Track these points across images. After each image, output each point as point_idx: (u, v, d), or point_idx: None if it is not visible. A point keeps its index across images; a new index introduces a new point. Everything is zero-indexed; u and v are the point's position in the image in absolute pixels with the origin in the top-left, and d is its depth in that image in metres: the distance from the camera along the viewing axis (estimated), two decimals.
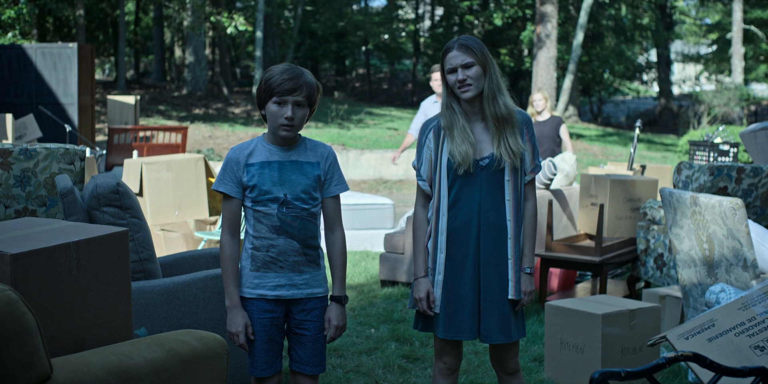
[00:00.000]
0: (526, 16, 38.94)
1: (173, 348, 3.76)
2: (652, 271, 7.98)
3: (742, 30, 32.83)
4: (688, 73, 50.77)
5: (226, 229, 4.18)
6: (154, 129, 15.80)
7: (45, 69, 17.88)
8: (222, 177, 4.16)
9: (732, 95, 29.82)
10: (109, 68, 50.39)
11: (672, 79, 45.85)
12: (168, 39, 43.86)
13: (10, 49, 18.25)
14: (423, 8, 47.34)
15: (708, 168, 7.31)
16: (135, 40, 43.44)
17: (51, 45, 18.13)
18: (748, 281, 5.94)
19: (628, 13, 39.80)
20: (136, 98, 19.73)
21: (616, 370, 2.65)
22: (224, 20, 26.07)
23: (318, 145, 4.26)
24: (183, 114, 28.30)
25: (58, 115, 17.45)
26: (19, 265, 3.51)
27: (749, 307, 4.66)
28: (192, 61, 31.70)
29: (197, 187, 9.58)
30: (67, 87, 17.87)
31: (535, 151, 4.49)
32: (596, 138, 31.08)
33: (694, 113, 31.53)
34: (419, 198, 4.53)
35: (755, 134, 8.81)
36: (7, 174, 6.01)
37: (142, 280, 5.30)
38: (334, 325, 4.23)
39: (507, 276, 4.39)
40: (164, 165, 9.48)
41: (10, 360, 3.11)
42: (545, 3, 27.39)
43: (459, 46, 4.38)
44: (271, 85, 4.06)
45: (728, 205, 5.97)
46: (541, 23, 27.40)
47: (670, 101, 42.03)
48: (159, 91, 33.61)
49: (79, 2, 28.64)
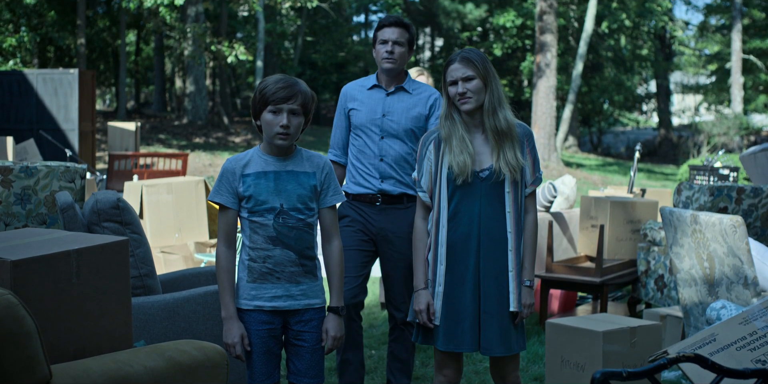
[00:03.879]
0: (526, 46, 39.08)
1: (173, 357, 3.75)
2: (653, 293, 7.96)
3: (741, 59, 32.94)
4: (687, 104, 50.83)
5: (222, 240, 4.17)
6: (155, 155, 15.82)
7: (46, 95, 17.91)
8: (218, 188, 4.16)
9: (731, 124, 29.87)
10: (109, 98, 50.47)
11: (672, 110, 45.91)
12: (168, 70, 43.99)
13: (11, 75, 18.30)
14: (423, 39, 47.48)
15: (708, 188, 7.31)
16: (136, 70, 43.55)
17: (52, 71, 18.17)
18: (749, 299, 5.93)
19: (627, 43, 39.92)
20: (137, 125, 19.77)
21: (618, 370, 2.64)
22: (225, 49, 26.15)
23: (314, 155, 4.27)
24: (183, 143, 28.33)
25: (59, 141, 17.46)
26: (19, 272, 3.51)
27: (750, 322, 4.64)
28: (193, 91, 31.76)
29: (197, 210, 9.57)
30: (68, 113, 17.90)
31: (535, 163, 4.50)
32: (596, 167, 31.10)
33: (694, 143, 31.56)
34: (419, 210, 4.54)
35: (755, 156, 8.82)
36: (8, 192, 6.00)
37: (142, 295, 5.28)
38: (331, 335, 4.22)
39: (507, 288, 4.39)
40: (164, 187, 9.48)
41: (9, 364, 3.10)
42: (545, 32, 27.50)
43: (461, 59, 4.40)
44: (265, 94, 4.06)
45: (729, 223, 5.97)
46: (541, 52, 27.50)
47: (670, 132, 42.07)
48: (159, 121, 33.67)
49: (80, 31, 28.73)
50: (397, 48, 5.55)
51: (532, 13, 35.17)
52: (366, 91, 5.71)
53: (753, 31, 37.78)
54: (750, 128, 33.51)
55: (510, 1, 37.86)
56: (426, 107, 5.62)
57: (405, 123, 5.57)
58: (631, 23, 37.36)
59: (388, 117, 5.58)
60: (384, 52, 5.56)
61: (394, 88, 5.65)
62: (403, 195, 5.58)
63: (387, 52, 5.54)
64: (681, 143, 37.57)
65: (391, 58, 5.54)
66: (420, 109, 5.60)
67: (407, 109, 5.60)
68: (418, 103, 5.62)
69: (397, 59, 5.55)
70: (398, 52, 5.55)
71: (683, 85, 47.71)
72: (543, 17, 27.77)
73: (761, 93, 39.72)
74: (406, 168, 5.58)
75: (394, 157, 5.57)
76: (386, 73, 5.63)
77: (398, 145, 5.56)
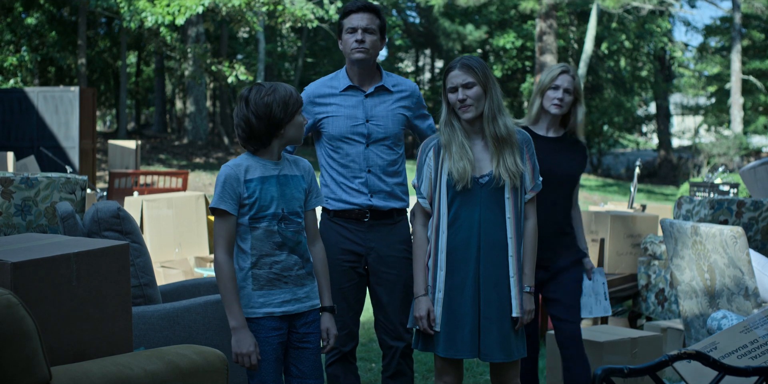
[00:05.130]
0: (526, 68, 39.16)
1: (173, 361, 3.74)
2: (654, 307, 7.95)
3: (741, 80, 33.00)
4: (687, 125, 50.91)
5: (222, 248, 4.07)
6: (155, 173, 15.82)
7: (47, 113, 17.94)
8: (222, 194, 4.07)
9: (731, 144, 29.91)
10: (110, 120, 50.53)
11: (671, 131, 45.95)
12: (169, 91, 44.05)
13: (11, 93, 18.34)
14: (423, 60, 47.59)
15: (708, 202, 7.30)
16: (136, 91, 43.62)
17: (53, 89, 18.21)
18: (749, 310, 5.92)
19: (627, 65, 39.99)
20: (137, 143, 19.79)
21: (619, 367, 2.64)
22: (225, 69, 26.21)
23: (298, 159, 4.30)
24: (183, 162, 28.35)
25: (60, 158, 17.47)
26: (19, 274, 3.51)
27: (751, 330, 4.63)
28: (193, 111, 31.82)
29: (198, 225, 9.57)
30: (69, 130, 17.92)
31: (535, 170, 4.51)
32: (596, 188, 31.12)
33: (694, 165, 31.59)
34: (419, 216, 4.54)
35: (755, 170, 8.82)
36: (8, 203, 6.00)
37: (142, 305, 5.27)
38: (333, 334, 4.26)
39: (507, 294, 4.38)
40: (165, 202, 9.48)
41: (9, 364, 3.10)
42: (545, 53, 27.61)
43: (461, 65, 4.41)
44: None
45: (729, 234, 5.96)
46: (541, 73, 27.56)
47: (670, 153, 42.07)
48: (160, 141, 33.71)
49: (81, 51, 28.83)
50: (368, 36, 4.92)
51: (531, 34, 35.27)
52: (339, 95, 5.04)
53: (752, 52, 37.86)
54: (750, 149, 33.55)
55: (510, 23, 37.94)
56: (411, 105, 5.12)
57: (393, 127, 5.03)
58: (630, 44, 37.45)
59: (372, 122, 5.00)
60: (353, 42, 4.91)
61: (373, 88, 5.04)
62: (392, 210, 5.05)
63: (357, 41, 4.90)
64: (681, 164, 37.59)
65: (362, 47, 4.90)
66: (405, 110, 5.09)
67: (392, 110, 5.05)
68: (402, 102, 5.09)
69: (368, 48, 4.92)
70: (369, 41, 4.92)
71: (683, 105, 47.78)
72: (543, 38, 27.90)
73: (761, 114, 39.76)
74: (394, 177, 5.06)
75: (382, 167, 5.01)
76: (358, 66, 4.99)
77: (385, 152, 5.02)
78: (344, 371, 5.07)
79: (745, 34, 36.54)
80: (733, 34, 33.69)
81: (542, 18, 28.34)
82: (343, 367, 5.08)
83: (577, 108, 5.30)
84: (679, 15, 40.59)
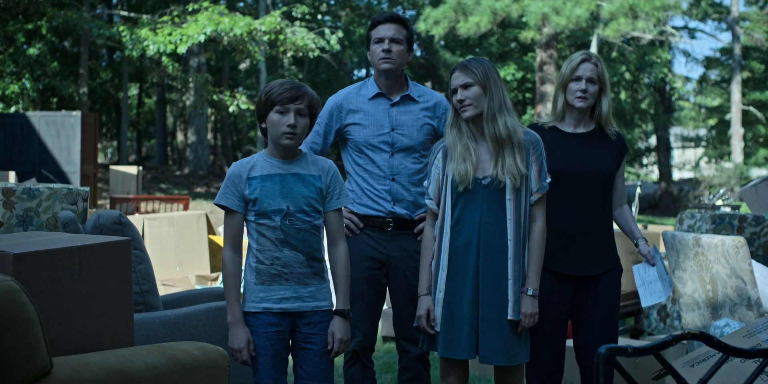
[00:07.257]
0: (526, 100, 39.27)
1: (175, 355, 3.73)
2: (656, 323, 7.92)
3: (741, 111, 33.10)
4: (687, 157, 51.01)
5: (228, 244, 4.18)
6: (156, 199, 15.83)
7: (48, 137, 17.97)
8: (224, 192, 4.16)
9: (732, 173, 29.96)
10: (111, 152, 50.62)
11: (672, 163, 46.02)
12: (170, 123, 44.18)
13: (14, 117, 18.40)
14: None
15: (710, 217, 7.30)
16: (137, 122, 43.74)
17: (55, 113, 18.28)
18: (752, 320, 5.90)
19: (627, 96, 40.12)
20: (139, 168, 19.82)
21: (623, 346, 2.63)
22: (226, 99, 26.29)
23: (319, 159, 4.29)
24: (184, 192, 28.38)
25: (61, 182, 17.48)
26: (21, 265, 3.51)
27: (754, 335, 4.63)
28: (194, 141, 31.90)
29: (199, 243, 9.57)
30: (70, 155, 17.95)
31: (541, 171, 4.45)
32: None
33: (695, 197, 31.62)
34: (428, 217, 4.56)
35: (756, 188, 8.84)
36: (10, 213, 6.00)
37: (143, 311, 5.26)
38: (338, 338, 4.19)
39: (506, 296, 4.35)
40: (166, 220, 9.48)
41: (10, 351, 3.08)
42: (545, 83, 27.68)
43: (461, 67, 4.44)
44: (272, 95, 4.08)
45: (731, 244, 5.95)
46: (541, 103, 27.66)
47: (671, 185, 42.12)
48: (161, 171, 33.77)
49: (83, 81, 28.94)
50: (395, 46, 5.01)
51: (532, 66, 35.42)
52: (368, 102, 5.12)
53: (752, 83, 38.02)
54: (750, 179, 33.60)
55: (510, 55, 38.11)
56: (435, 116, 5.14)
57: (418, 137, 5.08)
58: (630, 76, 37.58)
59: (398, 131, 5.07)
60: (380, 52, 5.02)
61: (399, 97, 5.10)
62: (415, 220, 5.10)
63: (384, 50, 5.00)
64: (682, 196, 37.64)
65: (389, 57, 5.00)
66: (431, 119, 5.12)
67: (417, 120, 5.10)
68: (428, 112, 5.13)
69: (395, 58, 5.01)
70: (396, 51, 5.01)
71: (683, 137, 47.89)
72: (543, 68, 27.98)
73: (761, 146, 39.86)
74: (419, 186, 5.09)
75: (407, 176, 5.07)
76: (385, 76, 5.09)
77: (410, 161, 5.07)
78: (362, 375, 5.12)
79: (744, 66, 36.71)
80: (733, 65, 33.87)
81: (542, 48, 28.43)
82: (361, 371, 5.12)
83: (602, 98, 4.89)
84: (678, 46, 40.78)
